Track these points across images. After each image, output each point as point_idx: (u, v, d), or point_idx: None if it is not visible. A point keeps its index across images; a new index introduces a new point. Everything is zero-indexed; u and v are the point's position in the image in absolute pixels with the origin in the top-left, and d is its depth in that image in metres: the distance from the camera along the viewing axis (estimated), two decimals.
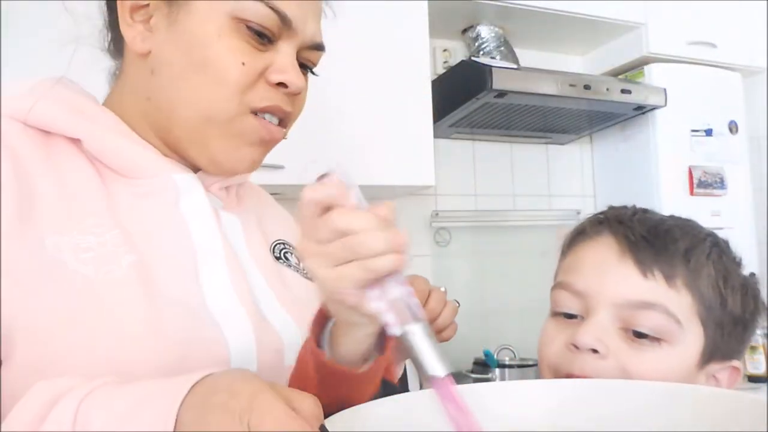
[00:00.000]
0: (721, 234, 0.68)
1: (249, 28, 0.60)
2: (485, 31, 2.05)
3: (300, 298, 0.69)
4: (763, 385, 1.97)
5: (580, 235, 0.69)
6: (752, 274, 0.67)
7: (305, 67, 0.67)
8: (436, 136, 1.81)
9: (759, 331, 0.68)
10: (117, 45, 0.67)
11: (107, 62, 0.70)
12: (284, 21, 0.61)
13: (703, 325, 0.62)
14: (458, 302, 0.81)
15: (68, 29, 0.64)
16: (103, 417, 0.41)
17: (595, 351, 0.59)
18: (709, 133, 2.18)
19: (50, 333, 0.50)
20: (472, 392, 0.54)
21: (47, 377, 0.46)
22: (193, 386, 0.41)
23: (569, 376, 0.61)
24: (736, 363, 0.64)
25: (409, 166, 1.72)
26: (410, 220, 2.08)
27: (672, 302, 0.60)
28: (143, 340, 0.53)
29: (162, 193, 0.62)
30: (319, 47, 0.66)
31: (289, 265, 0.73)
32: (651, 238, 0.62)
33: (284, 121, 0.66)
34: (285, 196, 1.85)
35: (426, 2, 1.76)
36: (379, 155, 1.67)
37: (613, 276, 0.62)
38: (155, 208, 0.62)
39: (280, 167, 1.54)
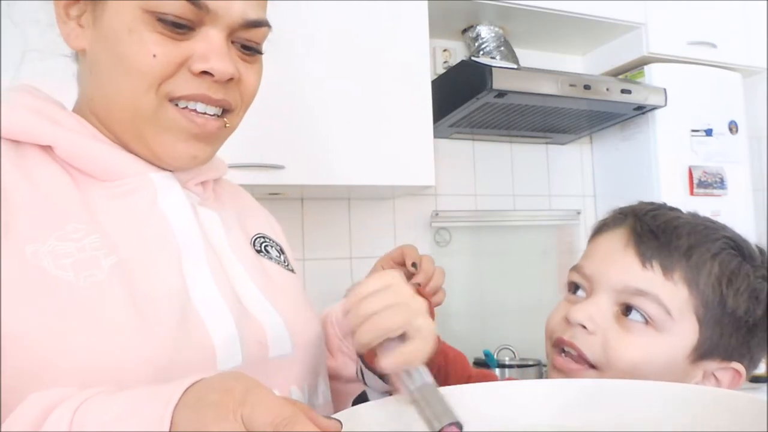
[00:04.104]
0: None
1: (161, 20, 0.58)
2: (485, 31, 2.05)
3: (283, 290, 0.70)
4: (763, 385, 1.96)
5: (603, 226, 0.74)
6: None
7: (249, 48, 0.64)
8: (436, 136, 1.81)
9: None
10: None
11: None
12: (199, 7, 0.58)
13: (700, 322, 0.64)
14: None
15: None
16: (99, 422, 0.41)
17: (583, 327, 0.65)
18: (709, 133, 2.18)
19: (37, 340, 0.50)
20: (472, 392, 0.54)
21: (38, 383, 0.46)
22: (187, 388, 0.41)
23: (559, 341, 0.67)
24: (737, 366, 0.65)
25: (409, 166, 1.71)
26: (410, 220, 2.08)
27: (666, 294, 0.64)
28: (130, 340, 0.53)
29: (139, 192, 0.62)
30: (255, 24, 0.62)
31: (270, 258, 0.73)
32: (657, 231, 0.66)
33: (228, 111, 0.64)
34: (285, 196, 1.86)
35: (426, 2, 1.76)
36: (379, 155, 1.67)
37: (616, 263, 0.67)
38: (134, 208, 0.62)
39: (280, 167, 1.54)
